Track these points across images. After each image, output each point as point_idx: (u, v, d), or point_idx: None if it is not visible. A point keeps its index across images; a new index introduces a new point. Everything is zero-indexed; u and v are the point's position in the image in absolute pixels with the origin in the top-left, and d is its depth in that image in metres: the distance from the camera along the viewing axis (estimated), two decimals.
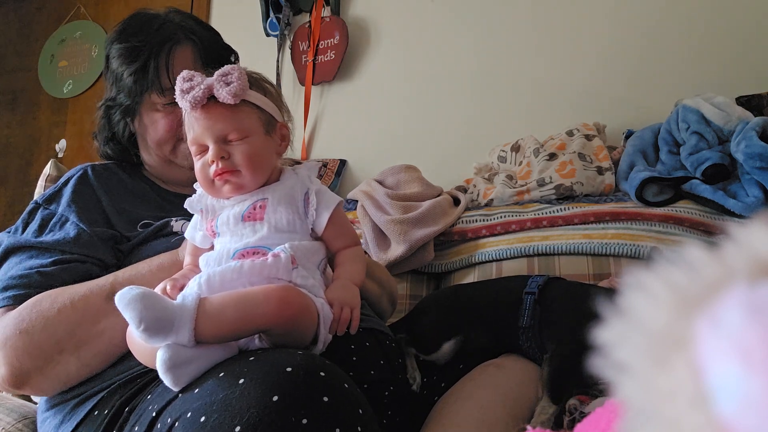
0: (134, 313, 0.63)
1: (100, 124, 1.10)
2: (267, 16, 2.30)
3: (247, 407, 0.57)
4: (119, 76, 1.04)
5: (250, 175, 0.81)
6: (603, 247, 1.31)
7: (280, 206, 0.81)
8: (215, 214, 0.83)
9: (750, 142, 1.29)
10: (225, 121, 0.79)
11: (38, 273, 0.88)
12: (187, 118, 0.82)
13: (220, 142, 0.80)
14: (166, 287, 0.76)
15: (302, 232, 0.82)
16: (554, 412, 0.83)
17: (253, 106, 0.82)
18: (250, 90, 0.80)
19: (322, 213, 0.83)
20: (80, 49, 2.89)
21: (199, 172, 0.82)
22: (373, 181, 1.69)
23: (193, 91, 0.77)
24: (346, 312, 0.78)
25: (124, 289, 0.65)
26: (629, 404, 0.20)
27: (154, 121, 1.04)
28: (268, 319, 0.68)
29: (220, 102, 0.78)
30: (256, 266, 0.73)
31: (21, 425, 1.05)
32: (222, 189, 0.82)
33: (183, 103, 0.78)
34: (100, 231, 0.94)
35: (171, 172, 1.11)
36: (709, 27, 1.66)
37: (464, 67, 1.98)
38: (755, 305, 0.18)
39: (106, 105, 1.08)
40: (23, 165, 2.97)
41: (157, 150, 1.07)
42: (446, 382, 0.95)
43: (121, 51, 1.04)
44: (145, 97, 1.03)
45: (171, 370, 0.64)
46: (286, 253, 0.75)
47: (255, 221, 0.80)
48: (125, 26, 1.07)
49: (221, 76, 0.78)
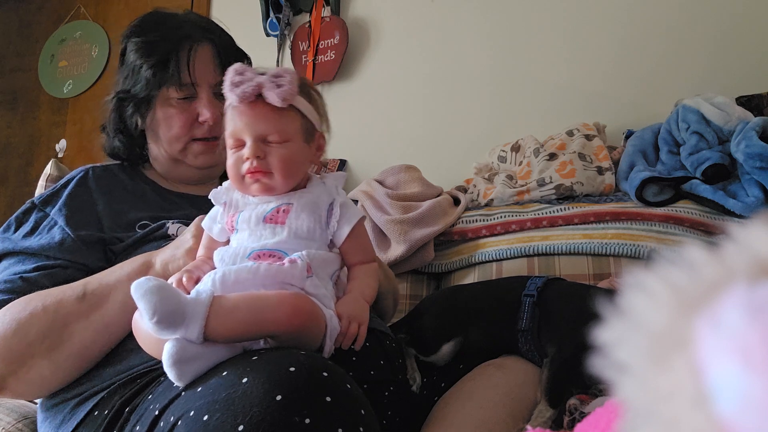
0: (149, 305, 0.63)
1: (110, 116, 1.10)
2: (267, 16, 2.30)
3: (250, 406, 0.57)
4: (136, 69, 1.04)
5: (282, 179, 0.81)
6: (603, 247, 1.31)
7: (304, 213, 0.81)
8: (238, 209, 0.83)
9: (750, 142, 1.29)
10: (268, 121, 0.79)
11: (21, 279, 0.89)
12: (229, 110, 0.82)
13: (259, 141, 0.80)
14: (182, 279, 0.76)
15: (321, 241, 0.82)
16: (551, 416, 0.83)
17: (297, 112, 0.82)
18: (297, 95, 0.80)
19: (343, 226, 0.83)
20: (80, 49, 2.89)
21: (232, 167, 0.82)
22: (373, 181, 1.69)
23: (243, 85, 0.77)
24: (354, 327, 0.78)
25: (141, 279, 0.65)
26: (629, 404, 0.20)
27: (169, 116, 1.05)
28: (278, 325, 0.68)
29: (267, 102, 0.78)
30: (272, 270, 0.73)
31: (21, 425, 1.05)
32: (251, 187, 0.82)
33: (231, 95, 0.78)
34: (85, 235, 0.94)
35: (178, 170, 1.11)
36: (709, 27, 1.66)
37: (464, 68, 1.98)
38: (755, 305, 0.18)
39: (118, 97, 1.08)
40: (23, 165, 2.97)
41: (168, 146, 1.07)
42: (446, 382, 0.95)
43: (140, 44, 1.05)
44: (162, 91, 1.03)
45: (177, 364, 0.64)
46: (302, 260, 0.75)
47: (276, 224, 0.80)
48: (143, 21, 1.08)
49: (273, 77, 0.78)
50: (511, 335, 0.97)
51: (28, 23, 3.09)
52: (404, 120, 2.06)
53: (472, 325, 1.01)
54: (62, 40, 2.95)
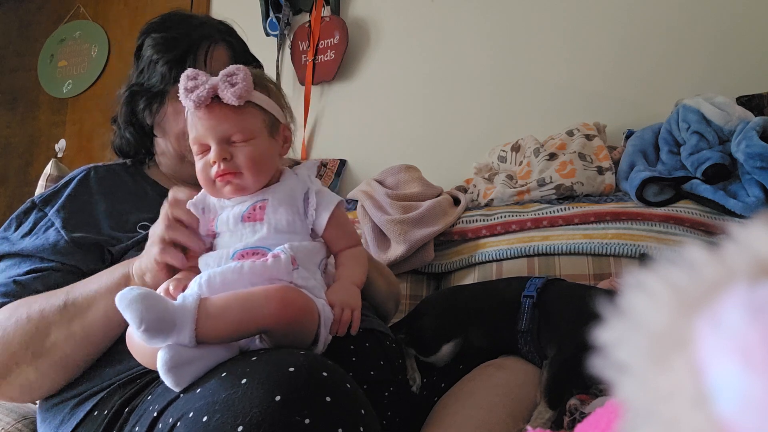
0: (135, 314, 0.62)
1: (121, 109, 1.10)
2: (267, 15, 2.30)
3: (250, 407, 0.57)
4: (152, 63, 1.05)
5: (253, 177, 0.80)
6: (603, 247, 1.31)
7: (281, 207, 0.80)
8: (216, 213, 0.83)
9: (750, 141, 1.29)
10: (229, 122, 0.79)
11: (14, 282, 0.89)
12: (189, 117, 0.81)
13: (223, 143, 0.79)
14: (169, 288, 0.75)
15: (302, 232, 0.82)
16: (551, 418, 0.83)
17: (257, 108, 0.81)
18: (254, 91, 0.80)
19: (321, 213, 0.83)
20: (80, 49, 2.89)
21: (201, 172, 0.82)
22: (373, 181, 1.69)
23: (197, 90, 0.77)
24: (347, 313, 0.78)
25: (125, 289, 0.65)
26: (629, 404, 0.20)
27: (179, 111, 1.05)
28: (269, 320, 0.68)
29: (224, 102, 0.77)
30: (256, 267, 0.73)
31: (21, 425, 1.05)
32: (223, 190, 0.81)
33: (186, 101, 0.78)
34: (80, 237, 0.94)
35: (183, 168, 1.11)
36: (709, 27, 1.66)
37: (464, 68, 1.98)
38: (755, 305, 0.18)
39: (131, 90, 1.08)
40: (23, 165, 2.97)
41: (176, 143, 1.07)
42: (446, 383, 0.95)
43: (159, 40, 1.05)
44: (175, 87, 1.03)
45: (172, 370, 0.64)
46: (286, 254, 0.75)
47: (255, 222, 0.79)
48: (164, 19, 1.10)
49: (226, 76, 0.78)
50: (511, 336, 0.97)
51: (28, 23, 3.09)
52: (404, 120, 2.06)
53: (472, 326, 1.01)
54: (62, 39, 2.95)
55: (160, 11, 1.14)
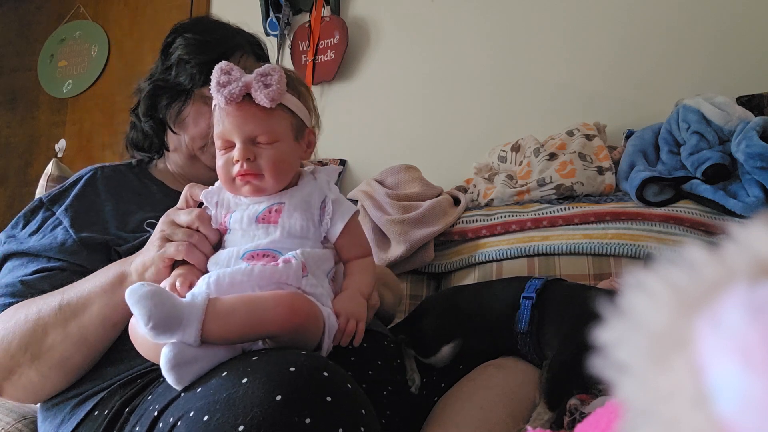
0: (144, 311, 0.62)
1: (142, 101, 1.10)
2: (267, 15, 2.30)
3: (251, 406, 0.57)
4: (182, 63, 1.05)
5: (273, 180, 0.80)
6: (603, 247, 1.31)
7: (296, 212, 0.80)
8: (229, 210, 0.82)
9: (750, 141, 1.29)
10: (257, 122, 0.78)
11: (21, 282, 0.89)
12: (217, 110, 0.80)
13: (248, 143, 0.79)
14: (175, 283, 0.75)
15: (314, 238, 0.82)
16: (550, 419, 0.83)
17: (286, 111, 0.81)
18: (286, 93, 0.79)
19: (336, 222, 0.82)
20: (80, 49, 2.89)
21: (221, 169, 0.81)
22: (373, 181, 1.69)
23: (230, 86, 0.76)
24: (352, 324, 0.78)
25: (135, 284, 0.65)
26: (629, 404, 0.20)
27: (201, 113, 1.05)
28: (275, 326, 0.68)
29: (255, 102, 0.77)
30: (266, 271, 0.73)
31: (21, 425, 1.05)
32: (242, 189, 0.81)
33: (218, 96, 0.77)
34: (87, 237, 0.94)
35: (193, 168, 1.11)
36: (709, 27, 1.66)
37: (464, 67, 1.98)
38: (755, 305, 0.18)
39: (155, 84, 1.07)
40: (23, 165, 2.97)
41: (191, 142, 1.07)
42: (446, 383, 0.95)
43: (192, 41, 1.06)
44: (204, 89, 1.03)
45: (175, 368, 0.64)
46: (297, 260, 0.75)
47: (269, 224, 0.79)
48: (198, 21, 1.12)
49: (261, 75, 0.76)
50: (510, 337, 0.97)
51: (28, 23, 3.09)
52: (404, 120, 2.06)
53: (471, 327, 1.01)
54: (62, 39, 2.95)
55: (160, 11, 1.14)
